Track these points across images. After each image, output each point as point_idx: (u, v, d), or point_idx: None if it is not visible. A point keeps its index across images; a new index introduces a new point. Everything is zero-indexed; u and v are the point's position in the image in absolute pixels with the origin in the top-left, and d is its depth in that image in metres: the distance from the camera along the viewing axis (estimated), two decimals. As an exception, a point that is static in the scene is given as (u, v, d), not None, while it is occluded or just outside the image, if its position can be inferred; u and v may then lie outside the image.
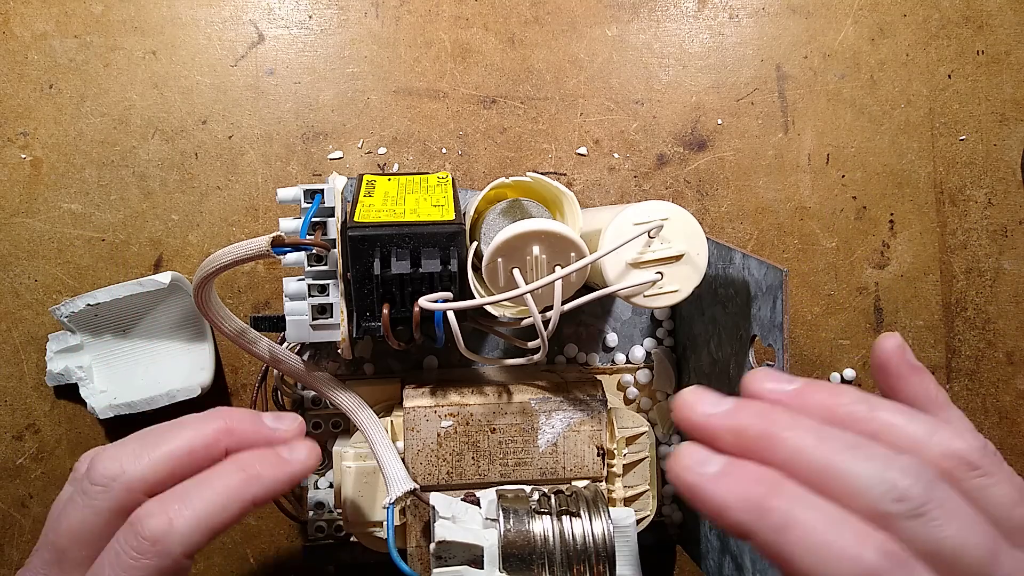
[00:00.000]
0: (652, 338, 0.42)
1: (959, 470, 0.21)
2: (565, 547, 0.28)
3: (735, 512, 0.21)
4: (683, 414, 0.23)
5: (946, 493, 0.20)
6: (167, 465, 0.26)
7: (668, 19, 0.44)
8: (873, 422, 0.22)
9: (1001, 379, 0.45)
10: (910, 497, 0.20)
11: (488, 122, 0.43)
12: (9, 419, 0.41)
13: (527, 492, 0.32)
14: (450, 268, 0.30)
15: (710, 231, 0.44)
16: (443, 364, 0.41)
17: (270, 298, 0.42)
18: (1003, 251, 0.45)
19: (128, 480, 0.25)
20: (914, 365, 0.25)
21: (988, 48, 0.45)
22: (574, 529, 0.29)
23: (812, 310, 0.44)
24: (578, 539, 0.29)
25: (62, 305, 0.39)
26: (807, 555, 0.20)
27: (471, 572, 0.28)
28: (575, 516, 0.30)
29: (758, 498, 0.21)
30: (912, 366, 0.25)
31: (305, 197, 0.31)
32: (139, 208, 0.42)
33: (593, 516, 0.30)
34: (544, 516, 0.29)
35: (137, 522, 0.24)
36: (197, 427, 0.27)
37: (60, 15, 0.41)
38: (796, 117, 0.44)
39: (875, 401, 0.23)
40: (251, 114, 0.42)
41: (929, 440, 0.22)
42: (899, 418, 0.22)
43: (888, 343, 0.25)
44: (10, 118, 0.41)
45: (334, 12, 0.43)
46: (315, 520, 0.38)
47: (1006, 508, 0.21)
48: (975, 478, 0.21)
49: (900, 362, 0.25)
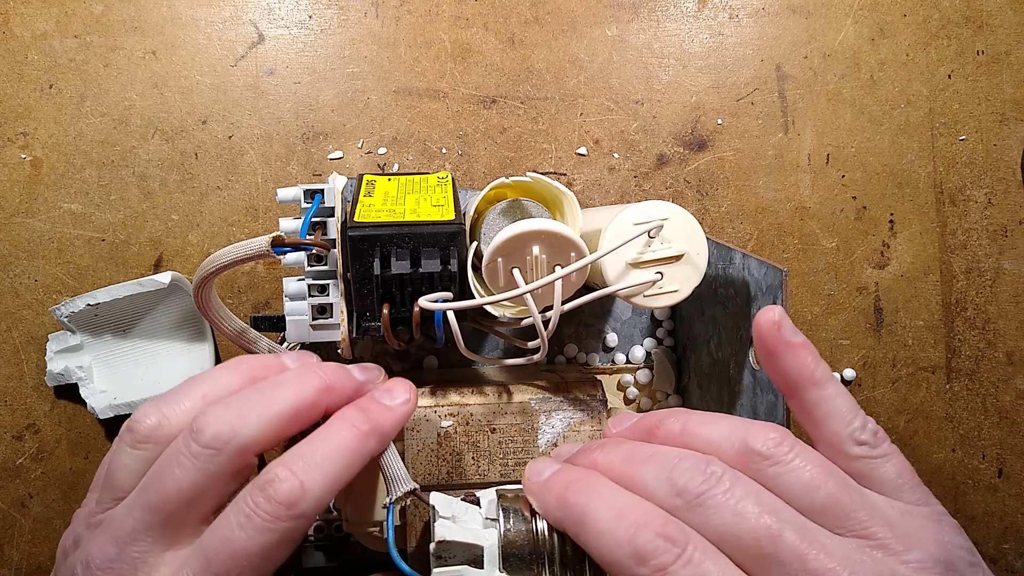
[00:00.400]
0: (652, 338, 0.42)
1: (754, 462, 0.23)
2: (564, 547, 0.28)
3: (551, 509, 0.25)
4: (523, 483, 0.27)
5: (731, 484, 0.22)
6: (277, 427, 0.26)
7: (668, 19, 0.44)
8: (685, 435, 0.25)
9: (1001, 379, 0.45)
10: (687, 491, 0.23)
11: (488, 122, 0.43)
12: (9, 419, 0.41)
13: None
14: (450, 268, 0.30)
15: (710, 231, 0.44)
16: (443, 364, 0.41)
17: (270, 298, 0.42)
18: (1003, 251, 0.45)
19: (240, 443, 0.25)
20: (788, 342, 0.25)
21: (988, 48, 0.45)
22: None
23: (812, 310, 0.44)
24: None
25: (62, 305, 0.39)
26: (596, 541, 0.23)
27: (471, 572, 0.28)
28: None
29: (564, 495, 0.24)
30: (786, 343, 0.25)
31: (305, 197, 0.31)
32: (139, 208, 0.42)
33: None
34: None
35: (270, 486, 0.24)
36: (299, 387, 0.27)
37: (60, 15, 0.41)
38: (796, 117, 0.44)
39: (687, 418, 0.26)
40: (251, 114, 0.42)
41: (728, 439, 0.24)
42: (704, 427, 0.25)
43: (762, 318, 0.26)
44: (10, 118, 0.41)
45: (334, 12, 0.43)
46: (315, 520, 0.38)
47: (804, 492, 0.23)
48: (768, 467, 0.23)
49: (773, 339, 0.25)
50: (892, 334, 0.44)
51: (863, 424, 0.24)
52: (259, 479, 0.25)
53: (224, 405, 0.27)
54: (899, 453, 0.25)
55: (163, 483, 0.26)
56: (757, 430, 0.24)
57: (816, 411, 0.25)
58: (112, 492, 0.27)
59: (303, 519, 0.24)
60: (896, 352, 0.44)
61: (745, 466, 0.23)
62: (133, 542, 0.25)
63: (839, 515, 0.22)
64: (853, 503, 0.22)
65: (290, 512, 0.24)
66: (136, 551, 0.25)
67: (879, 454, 0.24)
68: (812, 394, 0.25)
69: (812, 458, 0.23)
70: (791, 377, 0.25)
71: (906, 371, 0.44)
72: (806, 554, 0.21)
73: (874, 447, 0.24)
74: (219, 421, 0.26)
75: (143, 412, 0.27)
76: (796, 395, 0.25)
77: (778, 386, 0.26)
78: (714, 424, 0.25)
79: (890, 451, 0.24)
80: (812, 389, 0.25)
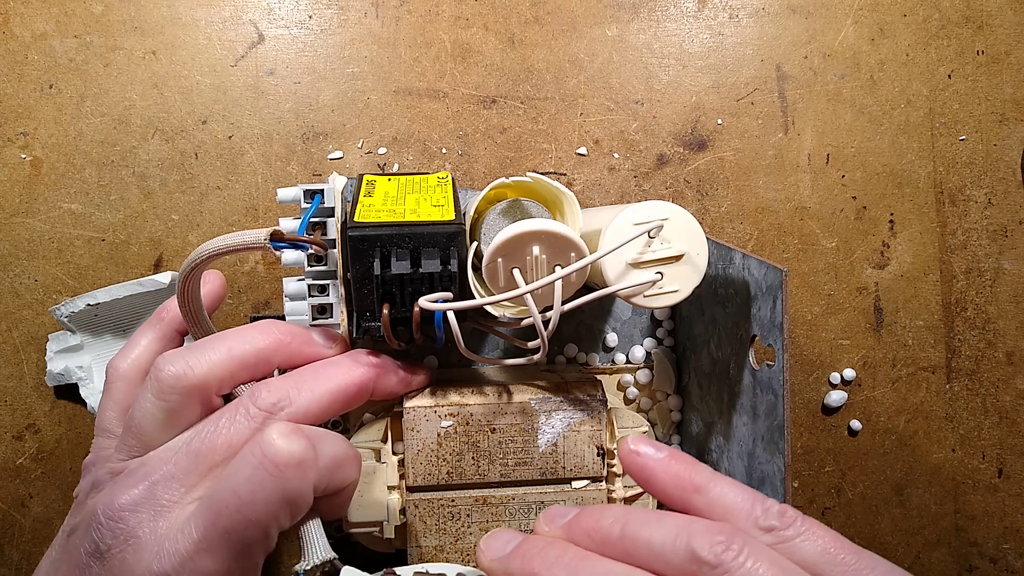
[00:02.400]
0: (652, 338, 0.42)
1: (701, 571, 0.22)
2: None
3: None
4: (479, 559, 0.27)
5: None
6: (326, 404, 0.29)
7: (668, 19, 0.44)
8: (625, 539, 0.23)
9: (1001, 379, 0.45)
10: None
11: (488, 122, 0.43)
12: (9, 419, 0.41)
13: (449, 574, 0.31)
14: (450, 268, 0.30)
15: (710, 231, 0.44)
16: (443, 364, 0.41)
17: (270, 298, 0.42)
18: (1003, 251, 0.45)
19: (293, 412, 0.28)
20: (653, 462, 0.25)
21: (988, 48, 0.45)
22: None
23: (812, 310, 0.44)
24: None
25: (62, 305, 0.39)
26: None
27: None
28: None
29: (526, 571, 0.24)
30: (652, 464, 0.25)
31: (305, 197, 0.31)
32: (139, 208, 0.42)
33: None
34: None
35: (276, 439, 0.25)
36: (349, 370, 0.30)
37: (60, 15, 0.41)
38: (796, 117, 0.44)
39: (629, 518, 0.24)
40: (251, 114, 0.42)
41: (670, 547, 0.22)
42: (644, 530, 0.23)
43: (622, 451, 0.26)
44: (10, 118, 0.41)
45: (334, 12, 0.43)
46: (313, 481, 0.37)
47: None
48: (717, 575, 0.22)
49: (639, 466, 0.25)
50: (892, 334, 0.44)
51: (764, 509, 0.23)
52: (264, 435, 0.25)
53: (284, 377, 0.29)
54: (817, 524, 0.23)
55: (216, 436, 0.27)
56: (701, 533, 0.22)
57: (711, 514, 0.24)
58: (137, 439, 0.28)
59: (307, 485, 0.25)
60: (896, 352, 0.44)
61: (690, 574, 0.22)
62: (166, 487, 0.26)
63: None
64: None
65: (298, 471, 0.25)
66: (167, 496, 0.26)
67: (793, 534, 0.23)
68: (698, 501, 0.24)
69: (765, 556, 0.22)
70: (672, 493, 0.24)
71: (906, 371, 0.44)
72: None
73: (784, 528, 0.23)
74: (279, 390, 0.28)
75: (167, 360, 0.28)
76: (687, 507, 0.24)
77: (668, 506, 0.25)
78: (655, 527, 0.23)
79: (804, 527, 0.23)
80: (696, 496, 0.24)
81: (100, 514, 0.25)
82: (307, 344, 0.31)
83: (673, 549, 0.22)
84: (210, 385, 0.28)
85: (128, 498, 0.26)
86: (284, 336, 0.30)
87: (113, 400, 0.31)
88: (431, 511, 0.34)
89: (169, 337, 0.33)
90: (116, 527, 0.25)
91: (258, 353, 0.29)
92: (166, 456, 0.27)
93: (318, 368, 0.30)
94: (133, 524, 0.25)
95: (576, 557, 0.23)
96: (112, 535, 0.25)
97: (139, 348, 0.32)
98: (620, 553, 0.23)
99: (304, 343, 0.31)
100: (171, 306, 0.34)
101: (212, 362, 0.28)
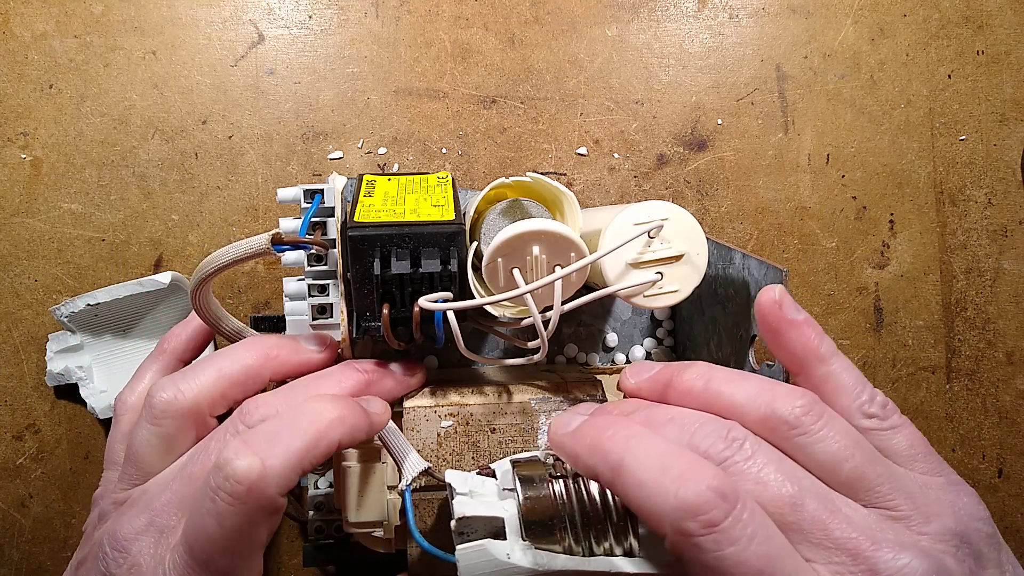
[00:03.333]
0: (652, 338, 0.42)
1: (780, 429, 0.23)
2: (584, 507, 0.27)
3: (583, 457, 0.24)
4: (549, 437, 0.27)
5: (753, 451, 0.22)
6: None
7: (668, 19, 0.44)
8: (707, 392, 0.24)
9: (1001, 379, 0.45)
10: (709, 457, 0.22)
11: (488, 122, 0.43)
12: (9, 419, 0.41)
13: (541, 457, 0.32)
14: (450, 268, 0.30)
15: (710, 231, 0.44)
16: (443, 364, 0.41)
17: (270, 298, 0.42)
18: (1003, 251, 0.45)
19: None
20: (790, 319, 0.25)
21: (988, 48, 0.45)
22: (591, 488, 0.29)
23: (812, 310, 0.44)
24: (596, 497, 0.29)
25: (62, 305, 0.39)
26: (637, 491, 0.21)
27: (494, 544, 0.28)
28: None
29: (599, 441, 0.23)
30: (788, 321, 0.25)
31: (305, 197, 0.31)
32: (139, 208, 0.42)
33: None
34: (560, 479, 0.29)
35: (227, 466, 0.23)
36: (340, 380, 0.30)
37: (60, 15, 0.41)
38: (796, 117, 0.44)
39: (712, 374, 0.25)
40: (251, 114, 0.42)
41: (752, 403, 0.23)
42: (727, 386, 0.24)
43: (763, 297, 0.26)
44: (10, 118, 0.41)
45: (334, 12, 0.43)
46: (315, 520, 0.37)
47: (831, 463, 0.22)
48: (795, 436, 0.22)
49: (776, 317, 0.25)
50: (892, 334, 0.44)
51: (871, 397, 0.24)
52: (219, 458, 0.24)
53: (274, 392, 0.28)
54: (910, 424, 0.24)
55: (207, 458, 0.26)
56: (784, 395, 0.23)
57: (823, 387, 0.25)
58: (136, 468, 0.28)
59: (267, 499, 0.24)
60: (896, 352, 0.44)
61: (770, 432, 0.23)
62: (166, 513, 0.26)
63: (863, 487, 0.22)
64: (878, 476, 0.22)
65: (250, 494, 0.23)
66: (167, 522, 0.26)
67: (889, 426, 0.24)
68: (819, 370, 0.25)
69: (839, 428, 0.23)
70: (796, 354, 0.25)
71: (906, 371, 0.44)
72: (828, 523, 0.21)
73: (883, 419, 0.24)
74: (267, 405, 0.27)
75: (159, 387, 0.28)
76: (802, 372, 0.25)
77: (783, 364, 0.26)
78: (739, 384, 0.24)
79: (900, 422, 0.24)
80: (818, 365, 0.25)
81: (106, 544, 0.26)
82: (296, 352, 0.31)
83: (755, 406, 0.23)
84: (202, 407, 0.28)
85: (131, 527, 0.26)
86: (271, 349, 0.30)
87: (121, 432, 0.31)
88: (431, 511, 0.34)
89: (172, 367, 0.34)
90: (120, 556, 0.25)
91: (247, 370, 0.29)
92: (164, 482, 0.27)
93: (309, 381, 0.30)
94: (135, 552, 0.25)
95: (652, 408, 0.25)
96: (116, 564, 0.25)
97: (144, 381, 0.33)
98: (700, 405, 0.24)
99: (292, 352, 0.31)
100: (172, 336, 0.34)
101: (202, 384, 0.28)
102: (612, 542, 0.27)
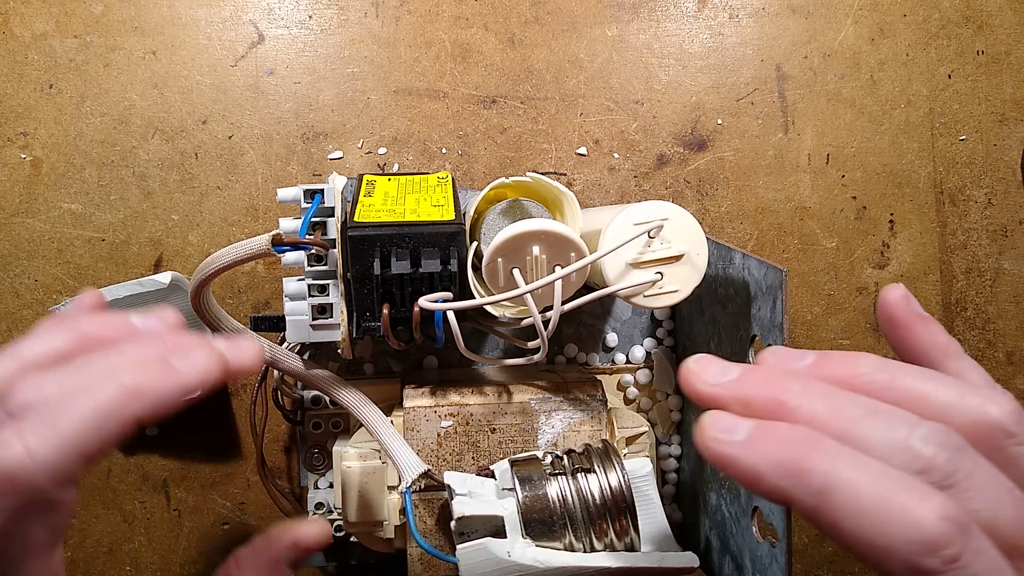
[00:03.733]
0: (652, 338, 0.42)
1: (996, 438, 0.20)
2: (584, 504, 0.27)
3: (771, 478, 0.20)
4: (689, 385, 0.22)
5: (975, 462, 0.19)
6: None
7: (668, 19, 0.44)
8: (895, 390, 0.21)
9: (1001, 379, 0.45)
10: (935, 467, 0.18)
11: (488, 122, 0.43)
12: (9, 419, 0.41)
13: (539, 456, 0.32)
14: (450, 268, 0.30)
15: (710, 231, 0.44)
16: (443, 364, 0.41)
17: (270, 298, 0.42)
18: (1003, 251, 0.45)
19: None
20: (921, 315, 0.23)
21: (988, 48, 0.45)
22: (590, 485, 0.29)
23: (812, 310, 0.44)
24: (596, 495, 0.29)
25: (62, 305, 0.39)
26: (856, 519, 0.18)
27: (495, 543, 0.28)
28: (589, 472, 0.30)
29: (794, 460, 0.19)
30: (919, 315, 0.23)
31: (305, 197, 0.31)
32: (139, 208, 0.42)
33: (607, 469, 0.30)
34: (559, 477, 0.29)
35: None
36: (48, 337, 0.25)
37: (60, 15, 0.41)
38: (796, 117, 0.44)
39: (896, 367, 0.21)
40: (251, 114, 0.42)
41: (959, 405, 0.20)
42: (924, 383, 0.20)
43: (892, 294, 0.24)
44: (10, 118, 0.41)
45: (334, 12, 0.43)
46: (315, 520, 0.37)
47: None
48: (1014, 446, 0.20)
49: (906, 312, 0.23)
50: (892, 334, 0.44)
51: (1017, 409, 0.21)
52: None
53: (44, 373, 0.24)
54: None
55: None
56: (997, 400, 0.20)
57: None
58: None
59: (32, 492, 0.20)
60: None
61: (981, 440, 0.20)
62: None
63: None
64: None
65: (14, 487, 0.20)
66: None
67: None
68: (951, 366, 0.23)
69: None
70: (926, 350, 0.23)
71: (906, 371, 0.44)
72: None
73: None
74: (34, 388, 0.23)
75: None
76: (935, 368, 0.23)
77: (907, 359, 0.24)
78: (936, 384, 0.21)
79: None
80: (950, 361, 0.23)
81: None
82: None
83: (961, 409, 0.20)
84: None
85: None
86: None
87: None
88: (431, 511, 0.34)
89: None
90: None
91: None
92: None
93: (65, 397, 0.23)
94: None
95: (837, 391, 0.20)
96: None
97: None
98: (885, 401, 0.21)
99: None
100: None
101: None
102: (614, 538, 0.27)
